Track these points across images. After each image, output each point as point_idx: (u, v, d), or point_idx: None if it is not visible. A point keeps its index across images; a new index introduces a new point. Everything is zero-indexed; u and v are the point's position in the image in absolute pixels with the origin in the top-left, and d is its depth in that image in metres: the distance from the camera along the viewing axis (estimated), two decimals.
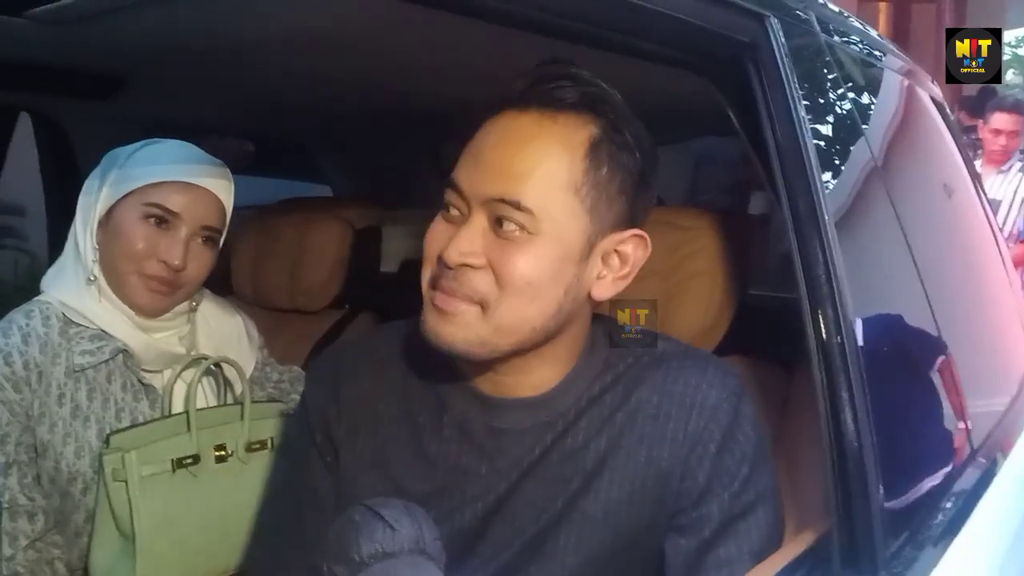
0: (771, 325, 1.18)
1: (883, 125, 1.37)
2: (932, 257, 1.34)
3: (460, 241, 0.82)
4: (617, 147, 0.85)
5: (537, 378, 0.90)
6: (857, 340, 0.92)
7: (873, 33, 1.59)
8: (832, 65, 1.17)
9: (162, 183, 1.19)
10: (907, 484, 1.03)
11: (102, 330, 1.20)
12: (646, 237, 0.88)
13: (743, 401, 0.89)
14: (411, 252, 1.83)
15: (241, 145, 2.65)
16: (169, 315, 1.24)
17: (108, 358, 1.19)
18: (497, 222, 0.83)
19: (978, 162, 3.82)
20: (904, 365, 1.17)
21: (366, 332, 1.19)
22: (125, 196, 1.20)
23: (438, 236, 0.85)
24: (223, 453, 1.21)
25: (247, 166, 2.60)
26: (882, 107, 1.42)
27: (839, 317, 0.90)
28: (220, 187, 1.24)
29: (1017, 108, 3.82)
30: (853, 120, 1.20)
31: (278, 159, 2.81)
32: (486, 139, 0.85)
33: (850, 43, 1.32)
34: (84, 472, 1.17)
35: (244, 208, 1.93)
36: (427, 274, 0.86)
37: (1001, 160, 3.84)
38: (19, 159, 1.92)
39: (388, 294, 1.69)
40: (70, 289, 1.21)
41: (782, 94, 0.94)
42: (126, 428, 1.17)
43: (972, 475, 1.24)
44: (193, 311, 1.29)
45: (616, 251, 0.87)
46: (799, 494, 1.05)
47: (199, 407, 1.22)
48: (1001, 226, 3.42)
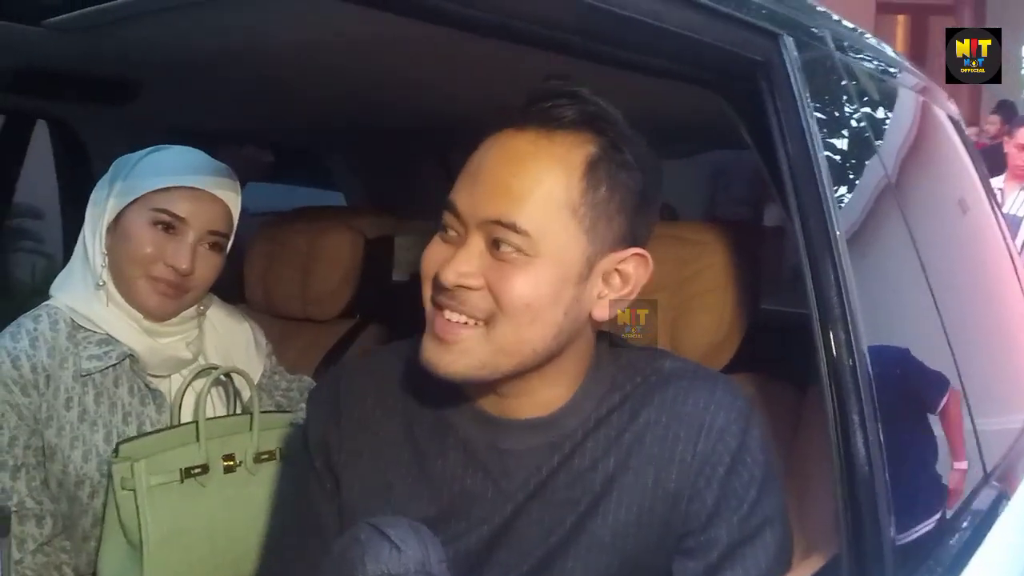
0: (784, 341, 1.16)
1: (897, 143, 1.36)
2: (946, 276, 1.32)
3: (457, 263, 0.81)
4: (616, 166, 0.83)
5: (542, 398, 0.88)
6: (868, 364, 0.90)
7: (888, 50, 1.58)
8: (846, 83, 1.16)
9: (169, 189, 1.20)
10: (919, 515, 1.02)
11: (109, 335, 1.21)
12: (647, 256, 0.87)
13: (752, 422, 0.88)
14: None
15: (260, 154, 2.63)
16: (176, 320, 1.25)
17: (115, 362, 1.20)
18: (494, 244, 0.81)
19: (1002, 177, 3.79)
20: (917, 389, 1.15)
21: (367, 353, 1.18)
22: (133, 202, 1.21)
23: (435, 257, 0.84)
24: (232, 463, 1.21)
25: (266, 175, 2.61)
26: (896, 124, 1.41)
27: (851, 340, 0.89)
28: (226, 192, 1.25)
29: None
30: (866, 138, 1.19)
31: (291, 166, 2.82)
32: (483, 159, 0.84)
33: (864, 60, 1.31)
34: (91, 476, 1.17)
35: (259, 214, 1.94)
36: (427, 292, 0.85)
37: None
38: (37, 164, 1.94)
39: (400, 304, 1.69)
40: (78, 294, 1.22)
41: (795, 112, 0.94)
42: (135, 437, 1.17)
43: (986, 498, 1.23)
44: (201, 316, 1.29)
45: (617, 270, 0.86)
46: (808, 515, 1.04)
47: (208, 416, 1.22)
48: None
